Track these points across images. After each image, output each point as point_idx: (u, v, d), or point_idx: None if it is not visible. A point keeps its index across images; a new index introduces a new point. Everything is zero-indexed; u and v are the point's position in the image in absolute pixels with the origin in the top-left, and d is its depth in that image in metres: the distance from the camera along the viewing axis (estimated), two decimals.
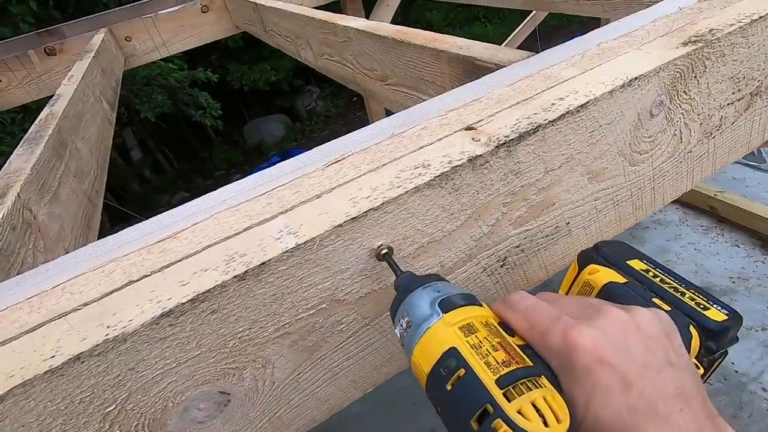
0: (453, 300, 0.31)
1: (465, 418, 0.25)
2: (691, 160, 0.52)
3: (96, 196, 0.77)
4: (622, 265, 0.38)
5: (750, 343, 2.31)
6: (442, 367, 0.27)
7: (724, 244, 2.83)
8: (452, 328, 0.29)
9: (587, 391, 0.26)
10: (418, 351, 0.29)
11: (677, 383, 0.27)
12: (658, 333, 0.29)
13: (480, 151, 0.35)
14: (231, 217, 0.35)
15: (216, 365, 0.32)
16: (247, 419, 0.36)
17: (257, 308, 0.31)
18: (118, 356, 0.27)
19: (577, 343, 0.27)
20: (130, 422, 0.30)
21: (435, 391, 0.28)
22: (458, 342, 0.28)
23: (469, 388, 0.26)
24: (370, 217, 0.32)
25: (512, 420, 0.24)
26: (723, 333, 0.33)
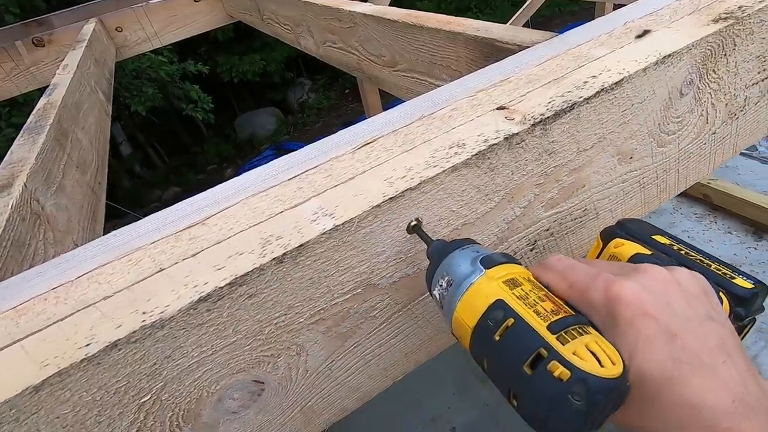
0: (494, 257, 0.31)
1: (517, 364, 0.25)
2: (715, 142, 0.51)
3: (99, 187, 0.75)
4: (647, 239, 0.38)
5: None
6: (489, 319, 0.27)
7: (717, 231, 2.86)
8: (496, 282, 0.29)
9: (630, 344, 0.26)
10: (461, 307, 0.29)
11: (719, 336, 0.27)
12: (697, 290, 0.29)
13: (516, 130, 0.34)
14: (261, 202, 0.33)
15: (251, 353, 0.30)
16: (280, 409, 0.35)
17: (294, 293, 0.30)
18: (155, 343, 0.26)
19: (619, 296, 0.27)
20: (165, 413, 0.29)
21: (482, 344, 0.28)
22: (504, 294, 0.28)
23: (519, 335, 0.26)
24: (407, 197, 0.31)
25: (569, 361, 0.24)
26: (751, 299, 0.34)
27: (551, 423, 0.23)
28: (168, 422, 0.30)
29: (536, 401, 0.24)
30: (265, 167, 0.38)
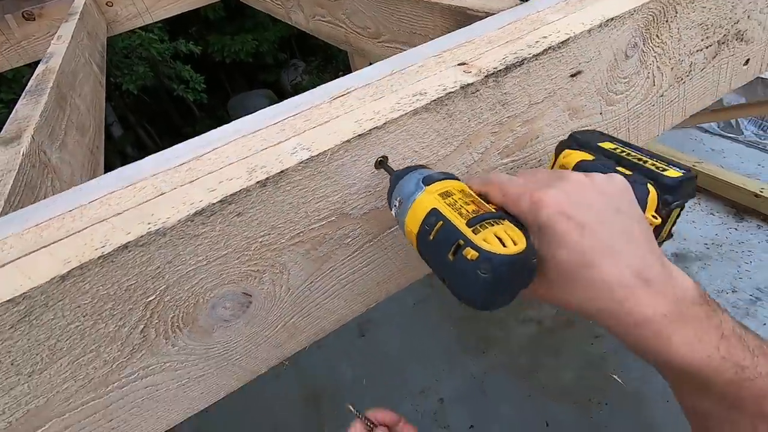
0: (433, 176, 0.36)
1: (444, 254, 0.31)
2: (663, 105, 0.56)
3: (97, 150, 0.79)
4: (593, 146, 0.42)
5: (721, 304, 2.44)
6: (426, 224, 0.33)
7: (701, 212, 2.95)
8: (433, 195, 0.34)
9: (549, 240, 0.31)
10: (408, 219, 0.35)
11: (624, 225, 0.32)
12: (611, 190, 0.34)
13: (471, 80, 0.39)
14: (249, 142, 0.38)
15: (240, 266, 0.36)
16: (266, 322, 0.40)
17: (276, 215, 0.35)
18: (158, 249, 0.31)
19: (541, 200, 0.32)
20: (167, 313, 0.34)
21: (423, 245, 0.34)
22: (438, 204, 0.34)
23: (445, 232, 0.32)
24: (374, 135, 0.36)
25: (477, 245, 0.29)
26: (677, 186, 0.38)
27: (468, 294, 0.30)
28: (170, 322, 0.35)
29: (457, 280, 0.30)
30: (253, 116, 0.43)
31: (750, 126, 3.38)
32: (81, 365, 0.33)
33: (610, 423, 2.05)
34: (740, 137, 3.34)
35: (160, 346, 0.35)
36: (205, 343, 0.38)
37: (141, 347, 0.35)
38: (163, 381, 0.37)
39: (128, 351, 0.34)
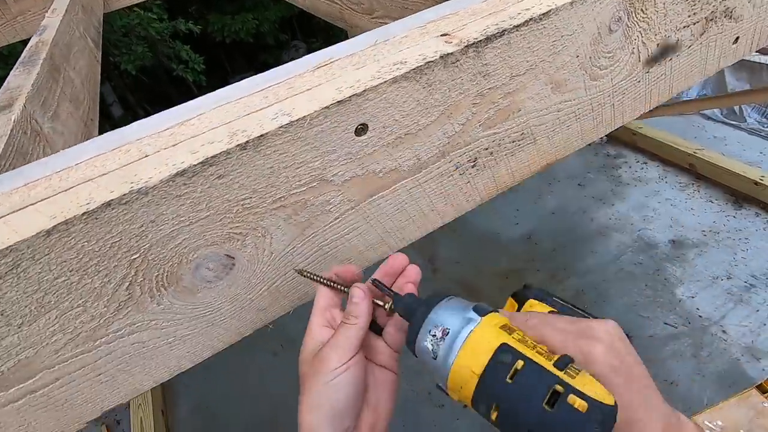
0: (484, 306, 0.33)
1: (536, 401, 0.27)
2: (649, 81, 0.57)
3: (91, 123, 0.80)
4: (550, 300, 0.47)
5: (715, 291, 2.47)
6: (498, 363, 0.28)
7: (699, 200, 2.95)
8: (495, 328, 0.31)
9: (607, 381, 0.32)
10: (464, 355, 0.30)
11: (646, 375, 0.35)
12: (626, 338, 0.36)
13: (451, 50, 0.39)
14: (232, 108, 0.39)
15: (223, 228, 0.37)
16: (250, 284, 0.42)
17: (257, 178, 0.36)
18: (141, 207, 0.33)
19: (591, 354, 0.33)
20: (151, 272, 0.36)
21: (492, 388, 0.29)
22: (507, 338, 0.30)
23: (533, 375, 0.28)
24: (353, 102, 0.37)
25: (584, 393, 0.26)
26: None
27: None
28: (155, 281, 0.36)
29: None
30: (239, 84, 0.44)
31: (753, 113, 3.35)
32: (69, 319, 0.34)
33: None
34: (743, 124, 3.31)
35: (146, 303, 0.37)
36: (190, 302, 0.39)
37: (127, 304, 0.36)
38: (150, 338, 0.39)
39: (114, 307, 0.36)
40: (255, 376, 2.49)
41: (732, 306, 2.43)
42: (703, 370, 2.20)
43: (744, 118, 3.33)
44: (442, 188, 0.48)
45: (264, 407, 2.35)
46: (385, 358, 0.44)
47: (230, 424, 2.32)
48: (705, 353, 2.26)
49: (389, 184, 0.44)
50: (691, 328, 2.35)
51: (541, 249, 2.91)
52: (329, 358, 0.39)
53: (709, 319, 2.37)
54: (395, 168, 0.43)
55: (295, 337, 0.46)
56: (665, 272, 2.61)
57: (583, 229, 2.95)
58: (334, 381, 0.38)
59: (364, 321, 0.41)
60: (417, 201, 0.47)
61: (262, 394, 2.42)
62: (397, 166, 0.43)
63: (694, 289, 2.50)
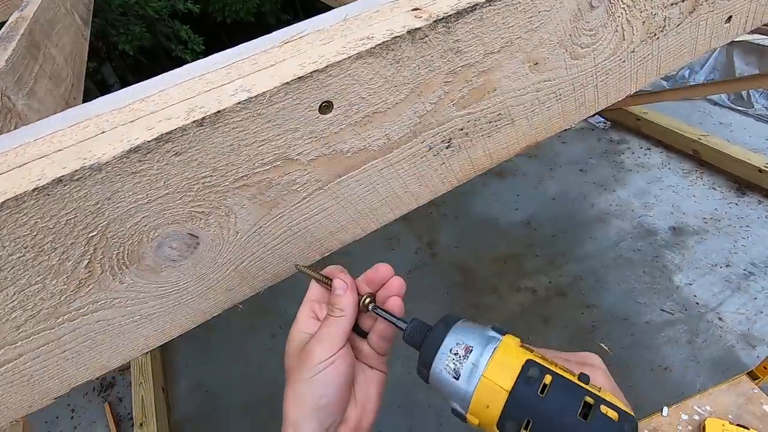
0: (499, 327, 0.33)
1: (571, 414, 0.27)
2: (635, 61, 0.55)
3: (74, 102, 0.79)
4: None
5: (713, 278, 2.46)
6: (527, 378, 0.29)
7: (702, 186, 2.92)
8: (517, 346, 0.31)
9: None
10: (491, 371, 0.30)
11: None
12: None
13: (419, 25, 0.38)
14: (195, 85, 0.38)
15: (183, 207, 0.37)
16: (216, 264, 0.42)
17: (216, 156, 0.36)
18: (95, 184, 0.32)
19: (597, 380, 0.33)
20: (111, 250, 0.36)
21: (524, 403, 0.29)
22: (531, 355, 0.30)
23: (563, 388, 0.28)
24: (316, 78, 0.36)
25: (613, 403, 0.27)
26: None
27: None
28: (116, 259, 0.36)
29: None
30: (206, 60, 0.43)
31: (761, 99, 3.28)
32: (28, 296, 0.34)
33: None
34: (750, 110, 3.25)
35: (108, 282, 0.37)
36: (154, 281, 0.39)
37: (88, 282, 0.36)
38: (114, 317, 0.39)
39: (75, 285, 0.36)
40: (254, 357, 2.53)
41: (729, 293, 2.43)
42: (698, 356, 2.20)
43: (751, 103, 3.27)
44: (416, 169, 0.47)
45: (262, 387, 2.39)
46: (372, 360, 0.44)
47: (229, 403, 2.37)
48: (700, 340, 2.27)
49: (359, 164, 0.43)
50: (688, 315, 2.35)
51: (541, 234, 2.90)
52: (314, 351, 0.39)
53: (706, 306, 2.37)
54: (364, 148, 0.42)
55: (292, 320, 0.46)
56: (664, 259, 2.60)
57: (583, 215, 2.94)
58: (319, 375, 0.38)
59: (350, 313, 0.41)
60: (389, 182, 0.47)
61: (261, 374, 2.45)
62: (366, 145, 0.42)
63: (692, 276, 2.49)
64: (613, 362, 2.12)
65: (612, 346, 2.27)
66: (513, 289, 2.62)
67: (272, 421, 2.17)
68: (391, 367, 0.44)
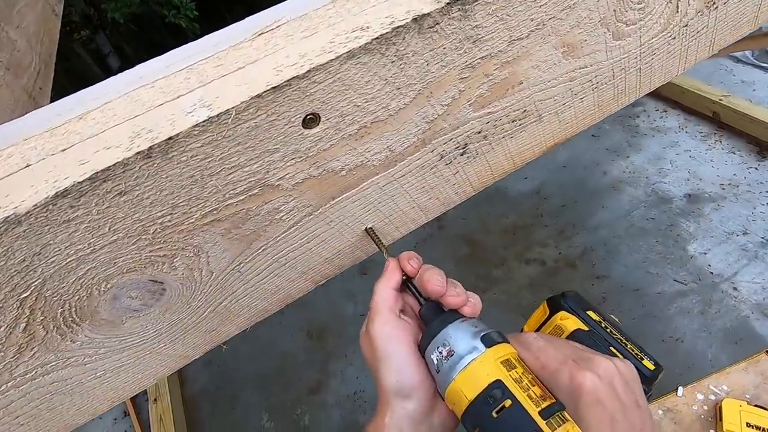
0: (493, 336, 0.35)
1: None
2: (687, 37, 0.46)
3: (40, 93, 0.71)
4: (584, 315, 0.48)
5: (729, 247, 2.39)
6: (488, 397, 0.31)
7: (721, 150, 2.79)
8: (495, 362, 0.33)
9: (587, 425, 0.33)
10: (461, 379, 0.32)
11: (642, 420, 0.35)
12: (631, 379, 0.36)
13: (428, 9, 0.29)
14: (145, 94, 0.30)
15: (139, 252, 0.30)
16: (190, 308, 0.35)
17: (174, 191, 0.28)
18: (16, 239, 0.25)
19: (582, 385, 0.34)
20: (53, 309, 0.29)
21: (478, 417, 0.31)
22: (503, 375, 0.32)
23: (516, 417, 0.30)
24: (295, 86, 0.28)
25: None
26: (653, 379, 0.44)
27: None
28: (61, 318, 0.30)
29: None
30: (164, 57, 0.35)
31: None
32: None
33: None
34: None
35: (56, 342, 0.31)
36: (115, 335, 0.33)
37: (30, 345, 0.30)
38: (72, 375, 0.33)
39: (14, 351, 0.29)
40: (263, 334, 2.54)
41: (746, 263, 2.37)
42: (710, 326, 2.17)
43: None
44: (425, 182, 0.40)
45: (271, 362, 2.41)
46: None
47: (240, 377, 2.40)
48: (713, 310, 2.23)
49: (356, 182, 0.36)
50: (701, 285, 2.30)
51: (550, 204, 2.82)
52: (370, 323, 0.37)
53: (721, 276, 2.31)
54: (362, 164, 0.35)
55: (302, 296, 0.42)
56: (678, 228, 2.52)
57: (594, 183, 2.84)
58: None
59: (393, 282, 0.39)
60: (393, 199, 0.39)
61: (270, 350, 2.47)
62: (364, 161, 0.35)
63: (707, 245, 2.42)
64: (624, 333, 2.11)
65: (622, 317, 2.24)
66: (521, 261, 2.57)
67: (283, 394, 2.20)
68: None
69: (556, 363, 0.35)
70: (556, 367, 0.35)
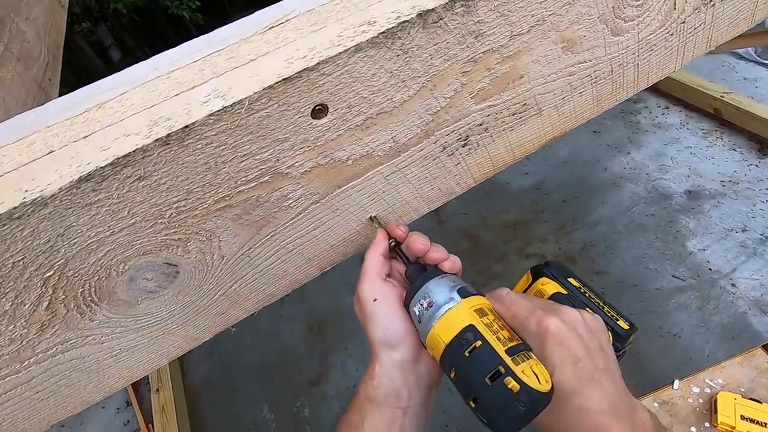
0: (468, 289, 0.39)
1: (482, 376, 0.33)
2: (684, 33, 0.47)
3: (49, 84, 0.72)
4: (565, 282, 0.51)
5: (728, 244, 2.40)
6: (462, 339, 0.35)
7: (722, 147, 2.80)
8: (469, 310, 0.36)
9: (552, 365, 0.36)
10: (439, 326, 0.36)
11: (605, 362, 0.38)
12: (596, 328, 0.40)
13: (432, 5, 0.31)
14: (161, 85, 0.32)
15: (156, 236, 0.31)
16: (202, 291, 0.37)
17: (189, 177, 0.30)
18: (42, 221, 0.27)
19: (548, 329, 0.37)
20: (74, 288, 0.31)
21: (453, 357, 0.35)
22: (475, 321, 0.35)
23: (485, 355, 0.33)
24: (306, 78, 0.29)
25: (520, 378, 0.32)
26: (626, 337, 0.46)
27: (501, 422, 0.32)
28: (81, 297, 0.31)
29: (492, 405, 0.32)
30: (177, 50, 0.36)
31: None
32: None
33: None
34: None
35: (76, 321, 0.32)
36: (131, 315, 0.34)
37: (52, 323, 0.31)
38: (90, 353, 0.35)
39: (36, 328, 0.31)
40: (264, 324, 2.56)
41: (744, 259, 2.38)
42: (708, 322, 2.19)
43: None
44: (427, 172, 0.41)
45: (272, 353, 2.44)
46: None
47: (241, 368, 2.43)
48: (711, 306, 2.24)
49: (361, 172, 0.37)
50: (700, 281, 2.32)
51: (551, 200, 2.83)
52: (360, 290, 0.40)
53: (719, 272, 2.33)
54: (367, 154, 0.36)
55: (301, 288, 0.44)
56: (678, 224, 2.53)
57: (595, 179, 2.85)
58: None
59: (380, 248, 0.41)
60: (397, 188, 0.40)
61: (271, 340, 2.50)
62: (370, 151, 0.36)
63: (706, 241, 2.43)
64: None
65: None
66: (521, 256, 2.58)
67: (283, 385, 2.23)
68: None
69: (526, 312, 0.39)
70: (525, 315, 0.39)
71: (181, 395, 2.37)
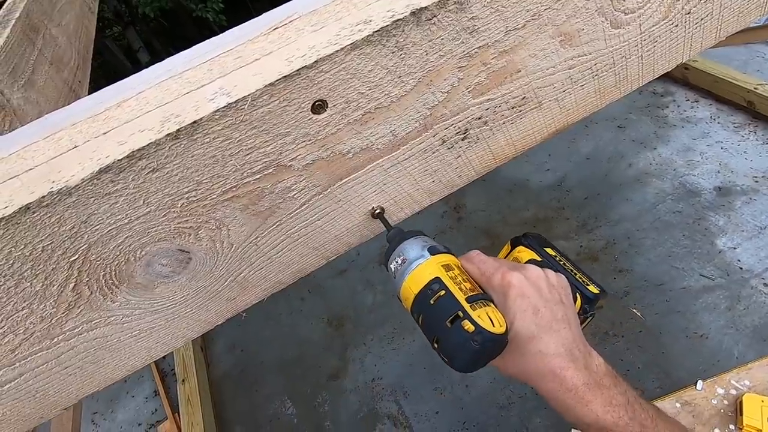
0: (438, 248, 0.43)
1: (443, 320, 0.37)
2: (690, 24, 0.47)
3: (79, 86, 0.77)
4: (540, 251, 0.54)
5: (760, 242, 2.30)
6: (428, 289, 0.39)
7: (755, 142, 2.68)
8: (436, 265, 0.40)
9: (512, 314, 0.40)
10: (410, 279, 0.41)
11: (564, 313, 0.42)
12: (558, 284, 0.44)
13: (425, 3, 0.32)
14: (173, 85, 0.34)
15: (169, 224, 0.34)
16: (213, 277, 0.39)
17: (199, 169, 0.32)
18: (67, 209, 0.30)
19: (510, 282, 0.41)
20: (97, 271, 0.33)
21: (420, 305, 0.39)
22: (441, 274, 0.40)
23: (447, 302, 0.38)
24: (304, 75, 0.31)
25: (474, 320, 0.36)
26: (594, 300, 0.50)
27: (458, 359, 0.37)
28: (103, 280, 0.34)
29: (451, 344, 0.37)
30: (189, 51, 0.38)
31: None
32: (17, 321, 0.33)
33: (625, 355, 2.07)
34: None
35: (99, 302, 0.35)
36: (148, 298, 0.37)
37: (78, 303, 0.34)
38: (112, 333, 0.38)
39: (65, 307, 0.34)
40: (285, 319, 2.61)
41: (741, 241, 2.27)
42: (738, 323, 2.11)
43: None
44: (428, 165, 0.42)
45: (293, 347, 2.49)
46: None
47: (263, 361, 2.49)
48: (741, 306, 2.16)
49: (361, 165, 0.39)
50: (729, 281, 2.23)
51: (573, 196, 2.78)
52: None
53: (750, 272, 2.24)
54: (367, 147, 0.38)
55: (320, 284, 0.49)
56: (706, 221, 2.44)
57: (618, 175, 2.78)
58: None
59: None
60: (398, 181, 0.42)
61: (291, 335, 2.55)
62: (369, 144, 0.38)
63: (737, 239, 2.34)
64: (645, 328, 2.07)
65: (644, 312, 2.20)
66: None
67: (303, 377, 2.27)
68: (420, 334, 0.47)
69: (492, 269, 0.43)
70: (491, 272, 0.42)
71: (206, 387, 2.45)
